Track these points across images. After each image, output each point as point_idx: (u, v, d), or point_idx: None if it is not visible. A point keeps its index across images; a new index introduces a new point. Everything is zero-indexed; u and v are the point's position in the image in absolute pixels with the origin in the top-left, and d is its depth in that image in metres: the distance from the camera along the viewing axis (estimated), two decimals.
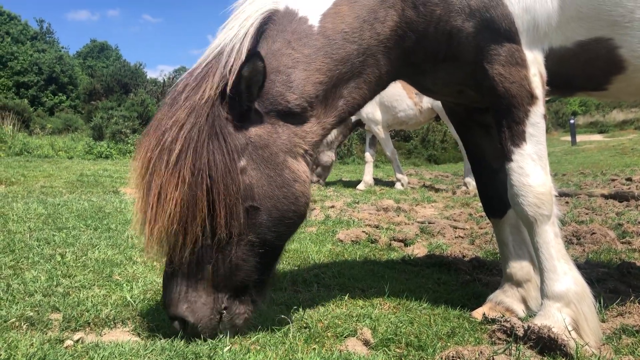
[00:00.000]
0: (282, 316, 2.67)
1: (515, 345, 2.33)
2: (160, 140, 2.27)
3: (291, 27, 2.47)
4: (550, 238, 2.53)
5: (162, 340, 2.33)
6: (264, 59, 2.29)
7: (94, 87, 34.45)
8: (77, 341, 2.30)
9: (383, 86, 2.81)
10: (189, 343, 2.29)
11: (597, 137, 31.19)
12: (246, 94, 2.32)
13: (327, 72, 2.48)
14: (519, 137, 2.53)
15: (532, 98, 2.51)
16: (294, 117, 2.45)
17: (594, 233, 4.76)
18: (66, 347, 2.21)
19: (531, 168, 2.52)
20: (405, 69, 2.75)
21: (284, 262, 3.91)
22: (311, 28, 2.48)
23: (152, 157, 2.27)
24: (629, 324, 2.69)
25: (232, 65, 2.33)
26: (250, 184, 2.33)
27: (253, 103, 2.36)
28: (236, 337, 2.41)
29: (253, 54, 2.28)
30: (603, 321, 2.77)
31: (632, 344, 2.44)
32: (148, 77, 38.16)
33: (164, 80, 31.65)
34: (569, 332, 2.37)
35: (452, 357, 2.25)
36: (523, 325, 2.41)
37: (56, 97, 40.80)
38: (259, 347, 2.32)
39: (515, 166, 2.54)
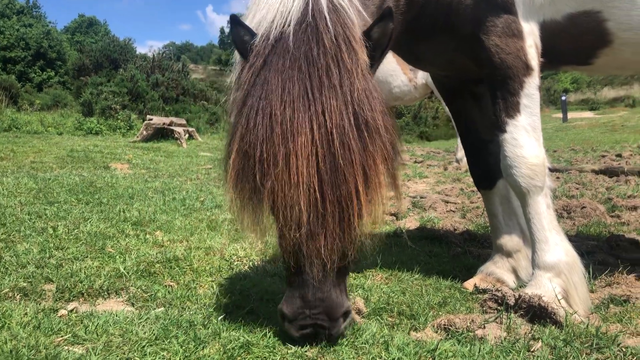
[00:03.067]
0: (275, 287, 2.68)
1: (506, 313, 2.36)
2: (350, 111, 1.88)
3: None
4: (543, 209, 2.56)
5: (157, 310, 2.34)
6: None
7: (83, 63, 33.94)
8: (71, 311, 2.31)
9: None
10: (183, 312, 2.30)
11: (588, 114, 31.23)
12: (370, 58, 2.03)
13: None
14: (513, 109, 2.53)
15: (527, 69, 2.51)
16: None
17: (584, 207, 4.80)
18: (60, 316, 2.22)
19: (525, 139, 2.53)
20: (405, 37, 2.72)
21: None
22: None
23: (341, 131, 1.86)
24: (616, 294, 2.74)
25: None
26: None
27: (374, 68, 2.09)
28: (230, 307, 2.43)
29: (387, 14, 2.00)
30: (592, 291, 2.82)
31: (620, 312, 2.49)
32: (137, 52, 37.62)
33: (153, 55, 31.22)
34: (559, 301, 2.41)
35: (444, 325, 2.28)
36: (514, 295, 2.45)
37: (44, 72, 40.14)
38: (253, 316, 2.33)
39: (509, 137, 2.55)
